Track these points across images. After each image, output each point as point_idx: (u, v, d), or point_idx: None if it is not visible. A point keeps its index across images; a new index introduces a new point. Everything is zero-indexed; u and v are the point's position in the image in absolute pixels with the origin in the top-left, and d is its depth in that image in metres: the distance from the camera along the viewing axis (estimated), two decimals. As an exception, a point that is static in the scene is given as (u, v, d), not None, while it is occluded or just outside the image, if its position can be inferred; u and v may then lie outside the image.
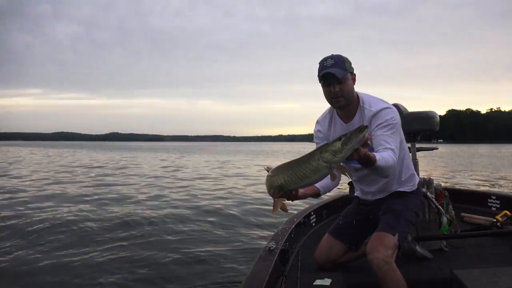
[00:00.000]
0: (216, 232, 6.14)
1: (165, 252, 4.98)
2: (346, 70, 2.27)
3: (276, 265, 2.37)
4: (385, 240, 2.18)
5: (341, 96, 2.29)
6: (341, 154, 1.75)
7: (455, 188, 4.83)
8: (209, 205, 8.60)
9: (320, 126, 2.58)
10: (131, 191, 10.93)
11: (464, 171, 18.62)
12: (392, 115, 2.27)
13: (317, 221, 3.82)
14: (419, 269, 2.58)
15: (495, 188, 11.58)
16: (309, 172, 1.82)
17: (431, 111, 3.38)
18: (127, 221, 6.83)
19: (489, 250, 2.90)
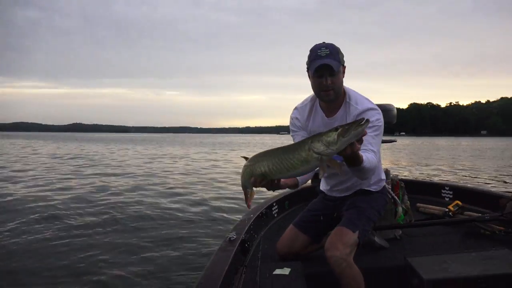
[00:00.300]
0: (179, 223, 6.13)
1: (123, 249, 4.95)
2: (340, 62, 2.17)
3: (236, 255, 2.37)
4: (345, 237, 2.17)
5: (331, 90, 2.20)
6: (335, 146, 1.62)
7: (411, 179, 4.98)
8: (174, 198, 8.53)
9: (299, 114, 2.47)
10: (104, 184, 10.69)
11: (421, 163, 19.23)
12: (378, 117, 2.22)
13: (279, 212, 3.84)
14: (376, 258, 2.65)
15: (450, 179, 12.04)
16: (297, 163, 1.71)
17: (389, 104, 3.45)
18: (103, 212, 6.79)
19: (441, 238, 3.01)
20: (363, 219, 2.32)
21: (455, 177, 12.89)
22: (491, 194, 3.78)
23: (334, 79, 2.17)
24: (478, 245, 2.72)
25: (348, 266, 2.10)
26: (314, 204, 2.76)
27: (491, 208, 3.39)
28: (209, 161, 20.29)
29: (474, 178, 12.44)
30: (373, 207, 2.43)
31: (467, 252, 2.46)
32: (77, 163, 17.79)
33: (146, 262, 4.42)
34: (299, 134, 2.43)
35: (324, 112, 2.37)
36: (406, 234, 3.14)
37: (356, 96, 2.32)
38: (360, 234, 2.23)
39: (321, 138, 1.65)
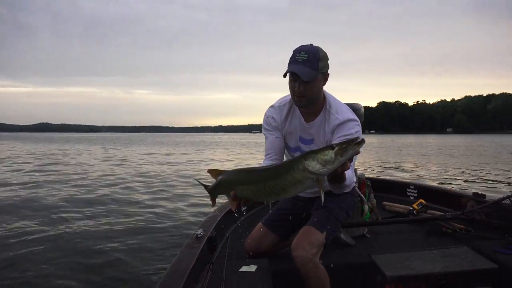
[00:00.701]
0: (148, 223, 6.07)
1: (91, 243, 4.91)
2: (317, 70, 2.06)
3: (203, 253, 2.35)
4: (312, 237, 2.17)
5: (303, 97, 2.13)
6: (332, 165, 1.53)
7: (377, 178, 5.07)
8: (144, 196, 8.42)
9: (276, 113, 2.36)
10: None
11: (389, 162, 19.63)
12: (357, 129, 2.18)
13: (249, 209, 3.82)
14: (341, 255, 2.67)
15: (416, 177, 12.35)
16: (288, 185, 1.60)
17: (356, 103, 3.48)
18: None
19: (405, 236, 3.07)
20: (331, 219, 2.32)
21: (421, 175, 13.23)
22: (453, 193, 3.89)
23: (308, 87, 2.09)
24: (440, 242, 2.79)
25: (314, 266, 2.10)
26: (284, 204, 2.75)
27: (453, 207, 3.49)
28: (179, 159, 20.10)
29: (439, 177, 12.79)
30: (342, 208, 2.44)
31: (429, 250, 2.52)
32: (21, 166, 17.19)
33: (111, 260, 4.36)
34: (273, 135, 2.36)
35: (303, 116, 2.31)
36: (372, 232, 3.18)
37: (336, 104, 2.26)
38: (327, 235, 2.23)
39: (316, 157, 1.55)
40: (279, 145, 2.36)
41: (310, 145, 2.34)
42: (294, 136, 2.37)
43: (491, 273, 2.21)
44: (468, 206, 3.22)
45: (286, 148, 2.45)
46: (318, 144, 2.29)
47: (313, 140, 2.32)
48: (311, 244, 2.14)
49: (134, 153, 26.81)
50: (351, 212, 2.65)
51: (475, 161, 19.53)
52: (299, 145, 2.38)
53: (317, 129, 2.29)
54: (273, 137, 2.36)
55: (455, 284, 2.15)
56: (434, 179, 12.10)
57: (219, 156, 24.64)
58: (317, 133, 2.29)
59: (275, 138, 2.35)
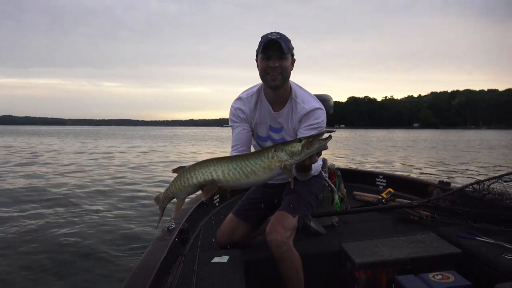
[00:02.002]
0: (117, 216, 6.00)
1: (58, 241, 4.80)
2: (289, 49, 2.18)
3: (175, 245, 2.34)
4: (285, 221, 2.21)
5: (279, 74, 2.17)
6: (298, 157, 1.68)
7: (347, 168, 5.16)
8: (113, 188, 8.26)
9: (244, 105, 2.38)
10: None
11: (358, 154, 20.03)
12: (323, 118, 2.25)
13: (221, 201, 3.83)
14: (312, 244, 2.71)
15: (384, 168, 12.65)
16: (259, 169, 1.71)
17: (326, 94, 3.51)
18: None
19: (374, 224, 3.15)
20: (301, 203, 2.37)
21: (389, 166, 13.56)
22: (420, 182, 4.01)
23: (283, 63, 2.15)
24: (407, 229, 2.87)
25: (288, 249, 2.15)
26: (253, 193, 2.76)
27: (420, 195, 3.59)
28: (145, 153, 19.82)
29: (406, 167, 13.16)
30: (311, 192, 2.49)
31: (397, 237, 2.60)
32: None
33: (80, 258, 4.28)
34: (241, 126, 2.38)
35: (271, 105, 2.35)
36: (343, 221, 3.24)
37: (302, 93, 2.32)
38: (299, 218, 2.28)
39: (285, 148, 1.69)
40: (247, 137, 2.38)
41: (279, 133, 2.38)
42: (264, 125, 2.41)
43: (455, 257, 2.30)
44: (434, 194, 3.32)
45: (256, 138, 2.48)
46: (287, 131, 2.35)
47: (282, 128, 2.37)
48: (284, 228, 2.17)
49: (103, 147, 26.22)
50: (320, 195, 2.70)
51: (440, 154, 20.20)
52: (269, 133, 2.42)
53: (285, 118, 2.34)
54: (240, 129, 2.38)
55: (421, 268, 2.21)
56: (403, 170, 12.43)
57: (188, 149, 24.43)
58: (285, 122, 2.34)
59: (242, 130, 2.37)
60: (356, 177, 4.67)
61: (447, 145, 29.15)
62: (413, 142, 36.09)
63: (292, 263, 2.17)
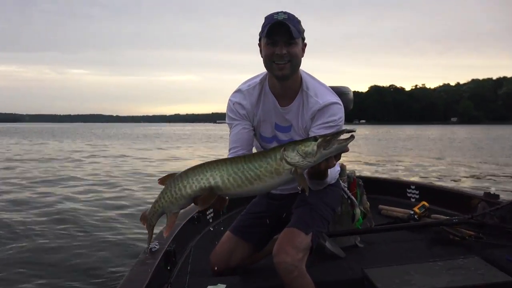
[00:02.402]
0: (90, 234, 6.01)
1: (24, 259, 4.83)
2: (300, 33, 2.17)
3: (159, 270, 2.34)
4: (296, 240, 2.21)
5: (288, 62, 2.17)
6: (313, 158, 1.68)
7: (371, 176, 5.17)
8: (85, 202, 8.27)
9: (244, 99, 2.38)
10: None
11: (383, 157, 20.00)
12: (340, 115, 2.26)
13: (215, 217, 3.85)
14: (328, 269, 2.72)
15: (416, 177, 12.61)
16: (265, 174, 1.71)
17: (344, 86, 3.52)
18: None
19: (405, 246, 3.15)
20: (316, 218, 2.36)
21: (423, 174, 13.51)
22: (461, 194, 4.01)
23: (291, 49, 2.16)
24: (445, 252, 2.88)
25: (300, 275, 2.15)
26: (255, 206, 2.77)
27: (461, 210, 3.59)
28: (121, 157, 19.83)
29: (444, 176, 13.09)
30: (327, 204, 2.48)
31: (433, 261, 2.60)
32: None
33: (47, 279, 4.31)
34: (240, 125, 2.38)
35: (277, 99, 2.35)
36: (365, 241, 3.25)
37: (314, 85, 2.32)
38: (313, 236, 2.27)
39: (296, 147, 1.69)
40: (247, 137, 2.39)
41: (288, 133, 2.39)
42: (269, 123, 2.41)
43: (505, 286, 2.29)
44: (478, 208, 3.32)
45: (259, 139, 2.49)
46: (296, 130, 2.35)
47: (291, 126, 2.37)
48: (295, 248, 2.17)
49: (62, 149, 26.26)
50: (338, 209, 2.71)
51: (486, 157, 20.11)
52: (276, 133, 2.42)
53: (294, 114, 2.34)
54: (240, 128, 2.38)
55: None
56: (439, 178, 12.38)
57: (171, 152, 24.45)
58: (294, 119, 2.34)
59: (242, 129, 2.38)
60: (382, 188, 4.68)
61: (494, 145, 29.06)
62: (451, 141, 36.03)
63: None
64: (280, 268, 2.14)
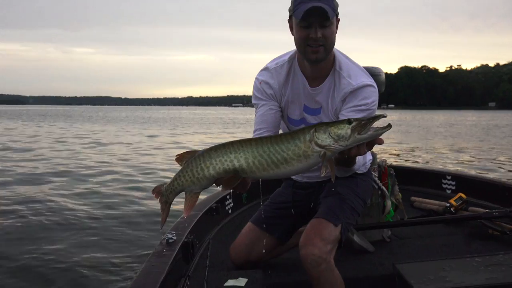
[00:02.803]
0: (103, 224, 6.13)
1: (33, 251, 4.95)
2: (335, 11, 2.15)
3: (176, 263, 2.37)
4: (325, 231, 2.22)
5: (322, 46, 2.17)
6: (345, 142, 1.68)
7: (403, 166, 5.13)
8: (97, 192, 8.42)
9: (272, 78, 2.39)
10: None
11: (415, 146, 19.81)
12: (373, 98, 2.26)
13: (235, 207, 3.87)
14: (357, 265, 2.73)
15: (452, 167, 12.48)
16: (292, 157, 1.72)
17: (375, 67, 3.49)
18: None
19: (440, 240, 3.14)
20: (346, 209, 2.37)
21: (459, 164, 13.37)
22: (502, 185, 3.95)
23: (326, 32, 2.15)
24: (484, 248, 2.87)
25: (328, 268, 2.17)
26: (279, 195, 2.78)
27: (502, 203, 3.56)
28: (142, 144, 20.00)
29: (482, 166, 12.93)
30: (358, 195, 2.49)
31: (471, 257, 2.59)
32: None
33: (62, 270, 4.43)
34: (267, 105, 2.40)
35: (307, 79, 2.36)
36: (397, 235, 3.25)
37: (349, 65, 2.33)
38: (342, 229, 2.29)
39: (328, 129, 1.69)
40: (274, 119, 2.41)
41: (317, 115, 2.39)
42: (297, 105, 2.42)
43: None
44: (521, 201, 3.29)
45: (286, 121, 2.50)
46: (326, 113, 2.36)
47: (321, 108, 2.38)
48: (324, 240, 2.19)
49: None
50: (369, 201, 2.70)
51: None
52: (304, 116, 2.43)
53: (325, 95, 2.35)
54: (266, 108, 2.40)
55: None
56: (476, 167, 12.24)
57: (186, 137, 24.56)
58: (325, 101, 2.35)
59: (268, 110, 2.40)
60: (415, 178, 4.66)
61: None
62: (489, 128, 35.53)
63: (332, 286, 2.19)
64: (307, 261, 2.16)
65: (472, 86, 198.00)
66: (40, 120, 48.74)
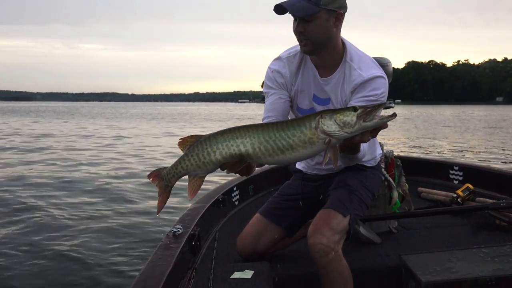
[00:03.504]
0: (109, 217, 6.21)
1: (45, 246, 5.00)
2: (318, 6, 2.12)
3: (183, 255, 2.38)
4: (333, 221, 2.23)
5: (308, 40, 2.20)
6: (350, 129, 1.69)
7: (410, 156, 5.12)
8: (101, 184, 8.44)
9: (283, 67, 2.44)
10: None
11: (423, 137, 19.78)
12: (383, 90, 2.27)
13: (242, 199, 3.87)
14: (363, 256, 2.72)
15: (458, 156, 12.45)
16: (298, 144, 1.73)
17: (383, 57, 3.48)
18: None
19: (446, 231, 3.13)
20: (355, 200, 2.39)
21: (466, 154, 13.32)
22: (509, 175, 3.92)
23: (308, 27, 2.17)
24: (491, 239, 2.86)
25: (336, 257, 2.17)
26: (288, 188, 2.79)
27: (509, 193, 3.55)
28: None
29: (490, 157, 12.90)
30: (367, 188, 2.51)
31: (478, 248, 2.58)
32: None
33: (69, 263, 4.48)
34: (277, 94, 2.44)
35: (318, 69, 2.40)
36: (403, 226, 3.25)
37: (359, 55, 2.36)
38: (351, 220, 2.30)
39: (334, 116, 1.71)
40: (283, 108, 2.44)
41: (327, 106, 2.40)
42: (307, 94, 2.45)
43: None
44: (529, 191, 3.27)
45: (295, 110, 2.52)
46: (335, 104, 2.38)
47: (330, 99, 2.40)
48: (332, 229, 2.20)
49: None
50: (377, 193, 2.71)
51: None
52: (313, 105, 2.45)
53: (334, 86, 2.37)
54: (276, 97, 2.44)
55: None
56: (485, 159, 12.19)
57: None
58: (333, 92, 2.38)
59: (278, 98, 2.44)
60: (422, 168, 4.64)
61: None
62: (497, 122, 35.40)
63: (340, 275, 2.20)
64: (314, 250, 2.17)
65: (479, 80, 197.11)
66: (71, 117, 48.33)
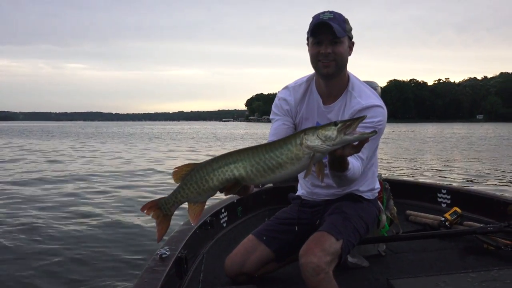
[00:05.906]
0: (95, 238, 6.10)
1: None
2: (345, 32, 2.39)
3: (169, 278, 2.35)
4: (326, 243, 2.26)
5: (333, 61, 2.37)
6: (332, 142, 1.78)
7: (398, 179, 5.14)
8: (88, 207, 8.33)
9: (289, 95, 2.63)
10: None
11: (407, 159, 19.88)
12: (380, 118, 2.39)
13: (230, 221, 3.83)
14: (351, 280, 2.73)
15: (446, 180, 12.49)
16: (286, 161, 1.83)
17: (372, 81, 3.51)
18: None
19: (434, 255, 3.15)
20: (349, 227, 2.43)
21: (452, 177, 13.38)
22: (497, 199, 3.95)
23: (336, 48, 2.36)
24: (479, 263, 2.87)
25: (326, 278, 2.19)
26: (285, 213, 2.84)
27: (497, 217, 3.57)
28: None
29: (476, 179, 12.95)
30: (362, 218, 2.56)
31: (465, 273, 2.58)
32: None
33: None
34: (281, 120, 2.61)
35: (322, 97, 2.54)
36: (392, 250, 3.25)
37: (360, 86, 2.51)
38: (343, 245, 2.32)
39: (316, 131, 1.82)
40: (286, 132, 2.56)
41: None
42: (311, 121, 2.58)
43: None
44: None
45: None
46: None
47: None
48: (324, 251, 2.23)
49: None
50: (371, 227, 2.72)
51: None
52: None
53: (335, 113, 2.51)
54: (280, 123, 2.61)
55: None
56: (473, 182, 12.24)
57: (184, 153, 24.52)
58: (335, 118, 2.47)
59: (282, 124, 2.60)
60: (411, 192, 4.65)
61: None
62: (479, 140, 35.74)
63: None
64: (306, 269, 2.20)
65: (460, 99, 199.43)
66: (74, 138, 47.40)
